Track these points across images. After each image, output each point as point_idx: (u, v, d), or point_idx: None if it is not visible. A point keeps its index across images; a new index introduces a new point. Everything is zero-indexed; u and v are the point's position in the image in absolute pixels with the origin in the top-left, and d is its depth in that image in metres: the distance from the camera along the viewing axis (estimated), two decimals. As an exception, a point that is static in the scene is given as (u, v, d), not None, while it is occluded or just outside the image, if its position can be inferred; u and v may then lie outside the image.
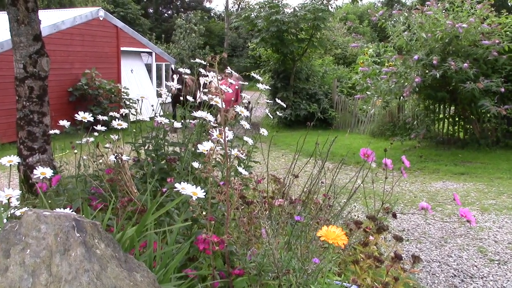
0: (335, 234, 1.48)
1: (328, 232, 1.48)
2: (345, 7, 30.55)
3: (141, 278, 1.34)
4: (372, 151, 2.87)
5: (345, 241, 1.49)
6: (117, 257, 1.35)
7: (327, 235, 1.48)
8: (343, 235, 1.49)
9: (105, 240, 1.37)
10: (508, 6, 14.07)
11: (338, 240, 1.47)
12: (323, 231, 1.49)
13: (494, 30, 10.09)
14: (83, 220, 1.35)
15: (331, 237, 1.47)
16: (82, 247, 1.31)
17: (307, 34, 15.50)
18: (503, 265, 4.71)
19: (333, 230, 1.49)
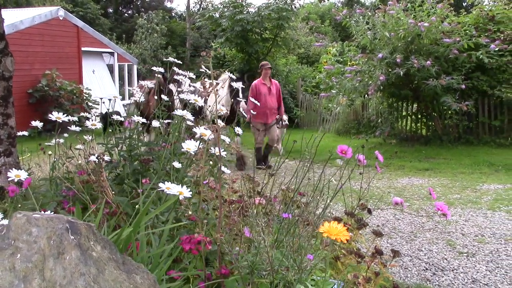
0: (337, 230, 1.48)
1: (331, 228, 1.48)
2: (307, 7, 30.81)
3: (141, 280, 1.30)
4: (349, 148, 2.88)
5: (348, 237, 1.50)
6: (115, 259, 1.31)
7: (329, 231, 1.48)
8: (345, 230, 1.49)
9: (101, 242, 1.32)
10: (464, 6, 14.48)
11: (340, 236, 1.47)
12: (325, 227, 1.49)
13: (454, 29, 10.37)
14: (77, 222, 1.30)
15: (333, 233, 1.47)
16: (77, 250, 1.27)
17: (271, 34, 15.56)
18: (472, 257, 4.84)
19: (335, 226, 1.49)
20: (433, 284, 4.26)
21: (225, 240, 1.76)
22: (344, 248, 2.80)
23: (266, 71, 9.37)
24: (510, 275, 4.41)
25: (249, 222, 1.96)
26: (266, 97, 9.24)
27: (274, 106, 9.47)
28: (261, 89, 9.29)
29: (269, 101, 9.32)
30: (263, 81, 9.41)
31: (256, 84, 9.36)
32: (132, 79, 19.25)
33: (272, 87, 9.49)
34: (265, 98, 9.20)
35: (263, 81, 9.42)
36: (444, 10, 10.70)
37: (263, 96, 9.17)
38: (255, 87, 9.27)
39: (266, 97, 9.26)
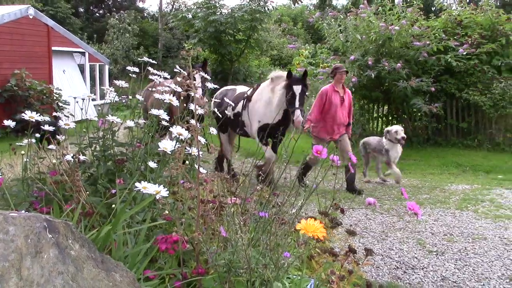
0: (314, 227, 1.51)
1: (307, 225, 1.51)
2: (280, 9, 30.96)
3: (121, 278, 1.30)
4: (324, 149, 2.92)
5: (324, 234, 1.53)
6: (94, 258, 1.31)
7: (306, 228, 1.51)
8: (321, 227, 1.53)
9: (79, 240, 1.32)
10: (433, 10, 14.79)
11: (317, 233, 1.50)
12: (302, 224, 1.52)
13: (424, 32, 10.59)
14: (55, 221, 1.30)
15: (310, 230, 1.50)
16: (55, 249, 1.26)
17: (245, 35, 15.60)
18: (441, 255, 4.96)
19: (312, 223, 1.52)
20: (403, 282, 4.35)
21: (202, 239, 1.77)
22: (318, 247, 2.83)
23: (341, 76, 7.53)
24: (478, 272, 4.53)
25: (225, 221, 1.97)
26: (337, 110, 7.46)
27: (344, 121, 7.61)
28: (333, 98, 7.44)
29: (339, 114, 7.50)
30: (336, 88, 7.52)
31: (327, 90, 7.50)
32: (104, 79, 19.00)
33: (345, 96, 7.62)
34: (335, 110, 7.44)
35: (336, 88, 7.53)
36: (414, 14, 10.93)
37: (333, 107, 7.43)
38: (326, 95, 7.43)
39: (337, 110, 7.46)
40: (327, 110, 7.43)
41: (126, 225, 2.10)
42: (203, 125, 4.58)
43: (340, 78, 7.52)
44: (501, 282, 4.32)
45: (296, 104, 6.75)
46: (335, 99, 7.47)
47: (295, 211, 2.22)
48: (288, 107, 6.86)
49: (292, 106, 6.78)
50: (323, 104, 7.43)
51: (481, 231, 5.65)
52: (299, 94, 6.77)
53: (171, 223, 2.44)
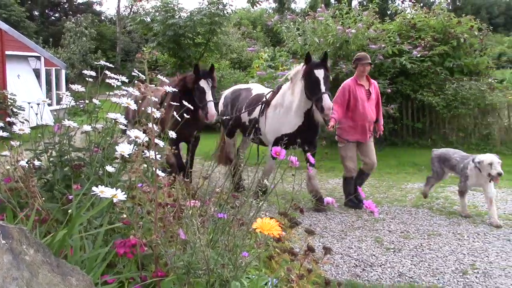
0: (270, 225, 1.54)
1: (263, 223, 1.54)
2: (239, 13, 31.05)
3: (77, 282, 1.30)
4: (283, 150, 2.97)
5: (280, 232, 1.56)
6: (49, 262, 1.30)
7: (262, 226, 1.54)
8: (277, 226, 1.56)
9: (34, 245, 1.31)
10: (389, 14, 15.16)
11: (273, 231, 1.54)
12: (258, 223, 1.55)
13: (379, 35, 10.86)
14: (8, 226, 1.28)
15: (266, 228, 1.53)
16: (8, 254, 1.25)
17: (204, 39, 15.57)
18: (398, 252, 5.09)
19: (267, 221, 1.56)
20: (362, 279, 4.45)
21: (161, 241, 1.78)
22: (278, 247, 2.88)
23: (363, 68, 6.61)
24: (433, 267, 4.68)
25: (184, 223, 1.99)
26: (364, 105, 6.55)
27: (373, 117, 6.73)
28: (358, 93, 6.56)
29: (368, 110, 6.59)
30: (359, 81, 6.66)
31: (349, 84, 6.59)
32: (60, 84, 18.60)
33: (371, 89, 6.74)
34: (363, 105, 6.54)
35: (359, 81, 6.66)
36: (369, 17, 11.18)
37: (360, 102, 6.52)
38: (348, 89, 6.53)
39: (365, 105, 6.56)
40: (353, 108, 6.52)
41: (83, 230, 2.08)
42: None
43: (362, 70, 6.61)
44: (455, 276, 4.47)
45: (322, 89, 5.87)
46: (360, 94, 6.56)
47: (254, 213, 2.25)
48: (312, 96, 6.00)
49: (316, 93, 5.90)
50: (346, 101, 6.51)
51: (436, 228, 5.83)
52: (323, 78, 5.92)
53: (129, 227, 2.44)
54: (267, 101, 6.74)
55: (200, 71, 6.31)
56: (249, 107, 7.02)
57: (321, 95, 5.84)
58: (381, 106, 6.93)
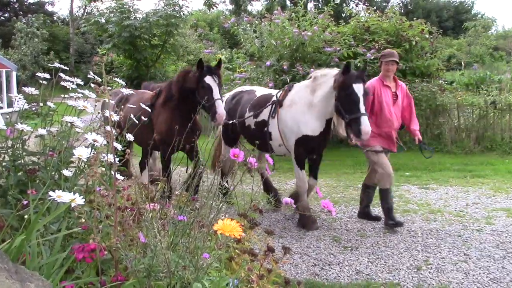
0: (231, 226, 1.56)
1: (224, 225, 1.56)
2: (195, 14, 30.94)
3: (36, 287, 1.28)
4: (241, 152, 2.99)
5: (241, 233, 1.58)
6: (7, 269, 1.27)
7: (223, 227, 1.55)
8: (238, 227, 1.58)
9: (-10, 252, 1.28)
10: (343, 16, 15.47)
11: (234, 232, 1.56)
12: (219, 224, 1.57)
13: (335, 38, 11.04)
14: (-37, 233, 1.25)
15: (227, 230, 1.55)
16: (-36, 262, 1.22)
17: (160, 40, 15.45)
18: (355, 250, 5.20)
19: (228, 223, 1.57)
20: (321, 278, 4.52)
21: (121, 245, 1.77)
22: (238, 248, 2.90)
23: (388, 66, 5.85)
24: (389, 264, 4.81)
25: (144, 227, 1.98)
26: (389, 110, 5.82)
27: (398, 125, 6.03)
28: (383, 95, 5.83)
29: (394, 116, 5.86)
30: (385, 82, 5.88)
31: (373, 85, 5.81)
32: (11, 86, 18.02)
33: (398, 92, 5.95)
34: (388, 110, 5.81)
35: (385, 81, 5.89)
36: (325, 20, 11.37)
37: (385, 107, 5.79)
38: (373, 90, 5.74)
39: (390, 110, 5.82)
40: (377, 112, 5.78)
41: (40, 236, 2.04)
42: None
43: (386, 69, 5.86)
44: (410, 272, 4.61)
45: (361, 109, 5.12)
46: (386, 97, 5.83)
47: (214, 214, 2.27)
48: (346, 114, 5.24)
49: (353, 112, 5.16)
50: (369, 104, 5.67)
51: (392, 226, 5.98)
52: (362, 95, 5.18)
53: (88, 232, 2.40)
54: (279, 100, 6.05)
55: (205, 67, 5.66)
56: (255, 109, 6.30)
57: (360, 116, 5.09)
58: (414, 109, 6.09)
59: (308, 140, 5.73)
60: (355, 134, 5.17)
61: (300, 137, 5.76)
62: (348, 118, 5.22)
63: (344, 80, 5.24)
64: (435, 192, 7.72)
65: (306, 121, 5.71)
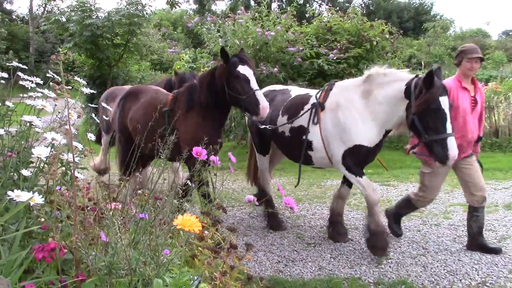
0: (190, 221, 1.59)
1: (184, 220, 1.59)
2: (159, 14, 30.69)
3: (-6, 285, 1.28)
4: (203, 150, 3.01)
5: (200, 228, 1.61)
6: (-37, 267, 1.27)
7: (183, 223, 1.58)
8: (197, 222, 1.61)
9: None
10: (306, 16, 15.64)
11: (194, 227, 1.59)
12: (179, 219, 1.59)
13: (298, 38, 11.15)
14: None
15: (187, 225, 1.58)
16: None
17: (123, 39, 15.23)
18: (318, 247, 5.30)
19: (188, 218, 1.60)
20: (285, 274, 4.59)
21: (81, 244, 1.78)
22: (201, 245, 2.92)
23: (472, 64, 4.91)
24: (351, 259, 4.92)
25: (105, 225, 1.99)
26: (466, 118, 4.88)
27: (475, 136, 5.00)
28: (460, 99, 4.88)
29: (470, 125, 4.92)
30: (463, 83, 4.97)
31: (450, 87, 4.76)
32: (-33, 87, 17.46)
33: (477, 96, 5.01)
34: (464, 118, 4.87)
35: (463, 82, 4.98)
36: (288, 20, 11.47)
37: (460, 113, 4.84)
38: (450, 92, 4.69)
39: (467, 118, 4.89)
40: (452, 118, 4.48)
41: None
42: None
43: (469, 67, 4.93)
44: (370, 266, 4.73)
45: (447, 129, 4.28)
46: (463, 102, 4.86)
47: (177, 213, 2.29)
48: (425, 133, 4.35)
49: (439, 132, 4.28)
50: None
51: (353, 222, 6.12)
52: (449, 110, 4.34)
53: (48, 232, 2.38)
54: (320, 103, 5.14)
55: (234, 55, 4.90)
56: (290, 112, 5.42)
57: (447, 138, 4.28)
58: (484, 119, 5.31)
59: (362, 150, 4.83)
60: (439, 158, 4.32)
61: (352, 147, 4.85)
62: (428, 138, 4.34)
63: (432, 93, 4.26)
64: (396, 189, 7.92)
65: (359, 129, 4.81)
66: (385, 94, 4.67)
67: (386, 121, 4.74)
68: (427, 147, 4.46)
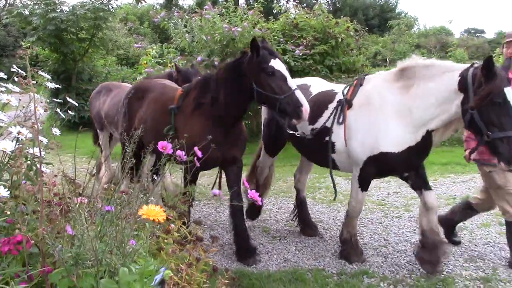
0: (155, 211, 1.65)
1: (149, 210, 1.65)
2: (125, 8, 30.32)
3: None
4: (169, 144, 3.05)
5: (164, 217, 1.67)
6: None
7: (148, 213, 1.64)
8: (162, 212, 1.67)
9: None
10: (273, 13, 15.73)
11: (158, 216, 1.65)
12: (144, 209, 1.65)
13: (264, 34, 11.23)
14: None
15: (151, 214, 1.64)
16: None
17: (88, 34, 15.04)
18: (283, 239, 5.41)
19: (153, 208, 1.66)
20: (251, 267, 4.68)
21: (48, 235, 1.81)
22: (167, 238, 2.98)
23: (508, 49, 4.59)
24: (315, 251, 5.05)
25: (71, 217, 2.03)
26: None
27: None
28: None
29: None
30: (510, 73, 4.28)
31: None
32: None
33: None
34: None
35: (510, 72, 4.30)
36: (255, 16, 11.55)
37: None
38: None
39: None
40: None
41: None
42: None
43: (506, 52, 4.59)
44: (334, 258, 4.87)
45: None
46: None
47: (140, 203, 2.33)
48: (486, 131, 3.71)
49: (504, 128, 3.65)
50: None
51: (318, 215, 6.26)
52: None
53: (13, 226, 2.40)
54: (348, 100, 4.53)
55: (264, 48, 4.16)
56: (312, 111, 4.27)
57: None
58: None
59: (388, 158, 4.21)
60: (506, 159, 3.70)
61: (375, 155, 4.26)
62: (492, 136, 3.70)
63: (496, 84, 3.66)
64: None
65: (388, 133, 4.19)
66: (431, 88, 3.99)
67: (430, 119, 4.05)
68: (490, 147, 3.84)
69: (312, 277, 4.38)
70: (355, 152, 4.38)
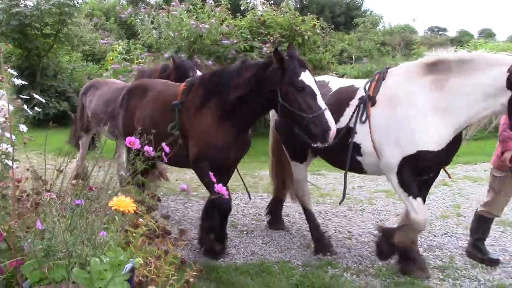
0: (125, 202, 1.73)
1: (119, 201, 1.72)
2: (90, 3, 29.85)
3: None
4: (137, 139, 3.11)
5: (135, 208, 1.75)
6: None
7: (118, 204, 1.72)
8: (132, 203, 1.75)
9: None
10: (241, 10, 15.79)
11: (128, 207, 1.72)
12: (114, 201, 1.73)
13: (232, 31, 11.33)
14: None
15: (122, 205, 1.71)
16: None
17: (53, 29, 14.84)
18: (251, 233, 5.53)
19: (123, 199, 1.74)
20: (218, 260, 4.77)
21: (19, 228, 1.87)
22: (135, 232, 3.04)
23: None
24: (281, 245, 5.18)
25: (42, 211, 2.08)
26: None
27: None
28: None
29: None
30: None
31: None
32: None
33: None
34: None
35: None
36: (222, 13, 11.62)
37: None
38: None
39: None
40: None
41: None
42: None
43: None
44: (300, 250, 5.01)
45: None
46: None
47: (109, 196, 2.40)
48: None
49: None
50: None
51: (285, 209, 6.37)
52: None
53: None
54: (371, 97, 4.15)
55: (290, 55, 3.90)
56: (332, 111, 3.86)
57: None
58: None
59: (426, 156, 3.88)
60: None
61: (412, 154, 3.90)
62: None
63: None
64: (325, 177, 8.29)
65: (425, 129, 3.86)
66: (473, 84, 3.65)
67: (469, 117, 3.76)
68: None
69: (278, 269, 4.50)
70: (389, 154, 4.01)
